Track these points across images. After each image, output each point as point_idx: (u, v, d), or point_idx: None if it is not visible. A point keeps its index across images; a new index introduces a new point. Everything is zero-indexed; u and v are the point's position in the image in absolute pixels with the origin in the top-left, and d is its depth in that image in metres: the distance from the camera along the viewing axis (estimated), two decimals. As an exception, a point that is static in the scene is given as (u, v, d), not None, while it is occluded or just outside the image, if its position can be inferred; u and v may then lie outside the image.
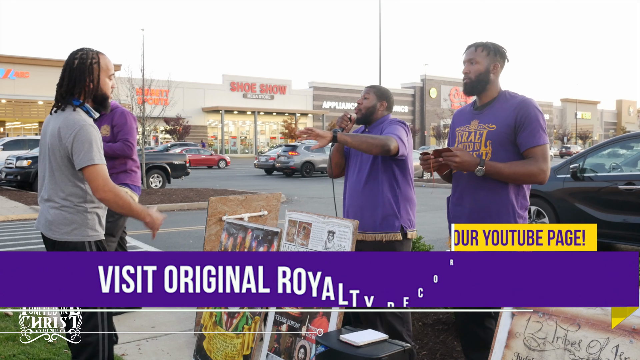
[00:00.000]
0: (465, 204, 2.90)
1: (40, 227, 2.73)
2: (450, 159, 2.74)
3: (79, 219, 2.64)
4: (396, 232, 3.27)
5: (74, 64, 2.67)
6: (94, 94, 2.70)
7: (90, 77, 2.67)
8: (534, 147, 2.74)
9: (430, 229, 9.52)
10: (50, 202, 2.66)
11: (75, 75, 2.66)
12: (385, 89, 3.54)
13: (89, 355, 2.66)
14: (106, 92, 2.74)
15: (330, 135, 3.11)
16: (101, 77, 2.70)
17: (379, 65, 31.25)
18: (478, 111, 2.93)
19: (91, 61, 2.67)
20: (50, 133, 2.65)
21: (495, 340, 2.09)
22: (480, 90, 2.89)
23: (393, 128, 3.30)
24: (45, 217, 2.68)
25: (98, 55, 2.71)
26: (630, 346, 1.76)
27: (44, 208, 2.71)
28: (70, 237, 2.63)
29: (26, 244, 8.49)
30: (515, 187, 2.82)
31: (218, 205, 4.09)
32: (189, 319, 4.45)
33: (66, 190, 2.63)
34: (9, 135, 41.68)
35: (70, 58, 2.69)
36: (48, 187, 2.67)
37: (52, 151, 2.64)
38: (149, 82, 18.71)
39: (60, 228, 2.63)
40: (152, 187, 16.96)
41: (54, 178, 2.65)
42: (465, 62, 2.91)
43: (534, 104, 2.80)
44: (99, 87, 2.70)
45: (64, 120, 2.61)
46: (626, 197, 6.55)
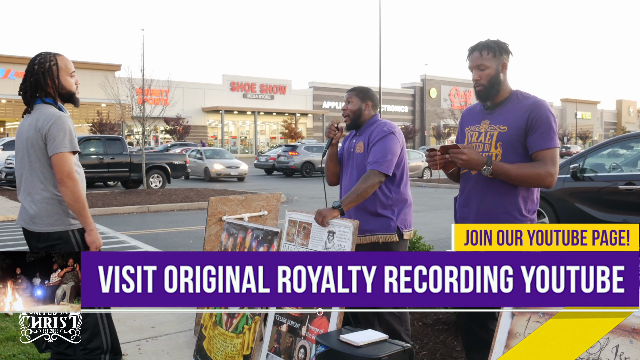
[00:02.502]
0: (472, 206, 2.86)
1: (22, 223, 2.87)
2: (457, 156, 2.68)
3: (60, 210, 2.79)
4: (392, 234, 3.27)
5: (34, 69, 2.86)
6: (59, 93, 2.89)
7: (51, 78, 2.85)
8: (544, 150, 2.69)
9: (430, 229, 9.52)
10: (31, 196, 2.81)
11: (36, 79, 2.85)
12: (366, 88, 3.52)
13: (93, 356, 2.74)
14: (70, 89, 2.93)
15: (337, 212, 3.07)
16: (61, 76, 2.88)
17: (379, 65, 31.25)
18: (489, 111, 2.87)
19: (49, 64, 2.86)
20: (26, 129, 2.82)
21: (495, 340, 2.09)
22: (495, 94, 2.82)
23: (379, 149, 3.26)
24: (27, 212, 2.83)
25: (56, 57, 2.90)
26: (630, 346, 1.77)
27: (25, 203, 2.85)
28: (54, 227, 2.78)
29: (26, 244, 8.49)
30: (524, 191, 2.77)
31: (218, 205, 4.09)
32: (189, 319, 4.45)
33: (46, 182, 2.78)
34: (9, 135, 41.69)
35: (30, 64, 2.89)
36: (28, 183, 2.83)
37: (30, 145, 2.79)
38: (149, 82, 18.70)
39: (44, 220, 2.78)
40: (152, 187, 16.96)
41: (33, 172, 2.80)
42: (474, 69, 2.83)
43: (546, 106, 2.74)
44: (61, 85, 2.88)
45: (39, 114, 2.80)
46: (626, 197, 6.55)
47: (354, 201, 3.16)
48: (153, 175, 17.21)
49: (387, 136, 3.30)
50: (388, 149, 3.25)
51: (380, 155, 3.24)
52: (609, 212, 6.70)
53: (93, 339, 2.83)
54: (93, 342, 2.83)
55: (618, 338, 1.80)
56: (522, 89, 2.87)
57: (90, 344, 2.82)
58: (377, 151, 3.26)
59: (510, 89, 2.85)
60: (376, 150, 3.27)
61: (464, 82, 67.05)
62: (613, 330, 1.81)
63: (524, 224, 2.57)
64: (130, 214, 12.15)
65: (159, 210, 12.69)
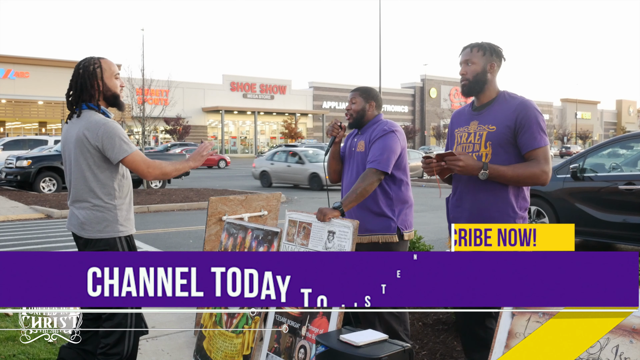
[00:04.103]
0: (464, 206, 2.89)
1: (72, 228, 2.91)
2: (454, 163, 2.72)
3: (109, 217, 2.84)
4: (392, 234, 3.27)
5: (79, 73, 2.88)
6: (104, 95, 2.90)
7: (95, 81, 2.86)
8: (535, 150, 2.74)
9: (430, 229, 9.52)
10: (81, 203, 2.85)
11: (82, 82, 2.86)
12: (370, 88, 3.54)
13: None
14: (115, 91, 2.94)
15: (335, 214, 3.08)
16: (105, 78, 2.89)
17: (379, 65, 31.26)
18: (477, 112, 2.92)
19: (94, 66, 2.88)
20: (75, 138, 2.83)
21: (495, 340, 2.09)
22: (478, 90, 2.89)
23: (378, 147, 3.27)
24: (76, 218, 2.87)
25: (100, 60, 2.91)
26: (630, 346, 1.77)
27: (74, 209, 2.90)
28: (103, 234, 2.84)
29: (26, 244, 8.49)
30: (514, 189, 2.82)
31: (218, 205, 4.09)
32: (189, 319, 4.45)
33: (96, 190, 2.82)
34: (9, 135, 41.68)
35: (76, 69, 2.91)
36: (78, 190, 2.86)
37: (80, 153, 2.82)
38: (149, 82, 18.73)
39: (93, 227, 2.83)
40: (152, 187, 16.95)
41: (83, 179, 2.83)
42: (462, 64, 2.91)
43: (533, 106, 2.80)
44: (105, 87, 2.89)
45: (86, 123, 2.81)
46: (626, 197, 6.55)
47: (354, 201, 3.16)
48: (153, 175, 17.17)
49: (387, 134, 3.31)
50: (387, 147, 3.26)
51: (379, 153, 3.24)
52: (609, 212, 6.70)
53: (117, 345, 2.82)
54: (116, 347, 2.82)
55: (618, 338, 1.80)
56: (509, 90, 2.93)
57: (113, 349, 2.81)
58: (376, 149, 3.28)
59: (498, 90, 2.90)
60: (375, 149, 3.28)
61: (464, 82, 66.90)
62: (613, 330, 1.81)
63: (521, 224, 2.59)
64: (130, 214, 12.12)
65: (159, 210, 12.70)
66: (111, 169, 2.83)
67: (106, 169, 2.82)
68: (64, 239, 8.62)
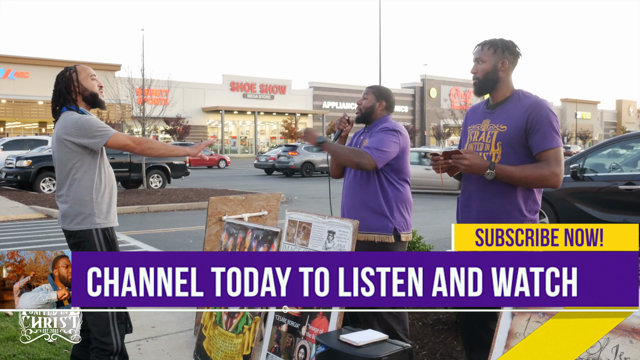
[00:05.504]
0: (473, 206, 2.85)
1: (59, 221, 3.11)
2: (460, 161, 2.68)
3: (87, 210, 2.99)
4: (388, 234, 3.27)
5: (57, 81, 3.08)
6: (82, 96, 3.07)
7: (72, 83, 3.04)
8: (547, 150, 2.66)
9: (430, 229, 9.52)
10: (62, 197, 3.04)
11: (59, 88, 3.06)
12: (385, 89, 3.56)
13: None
14: (93, 90, 3.10)
15: (314, 141, 3.36)
16: (81, 79, 3.06)
17: (379, 65, 31.26)
18: (490, 110, 2.86)
19: (69, 72, 3.08)
20: (56, 138, 3.03)
21: (495, 340, 2.09)
22: (490, 89, 2.82)
23: (378, 139, 3.32)
24: (60, 211, 3.07)
25: (75, 66, 3.13)
26: (630, 346, 1.76)
27: (58, 203, 3.09)
28: (80, 226, 2.99)
29: (26, 244, 8.49)
30: (523, 190, 2.75)
31: (218, 205, 4.09)
32: (189, 319, 4.45)
33: (73, 183, 2.99)
34: (9, 135, 41.67)
35: (56, 79, 3.10)
36: (60, 184, 3.06)
37: (61, 152, 3.00)
38: (149, 82, 18.71)
39: (72, 219, 3.00)
40: (152, 187, 16.95)
41: (63, 174, 3.02)
42: (474, 62, 2.85)
43: (546, 106, 2.72)
44: (82, 88, 3.06)
45: (63, 122, 3.00)
46: (626, 197, 6.55)
47: (333, 152, 3.34)
48: (153, 175, 17.19)
49: (388, 131, 3.33)
50: (385, 141, 3.27)
51: (377, 144, 3.28)
52: (609, 212, 6.70)
53: (105, 335, 2.97)
54: (105, 337, 2.97)
55: (618, 338, 1.80)
56: (524, 89, 2.86)
57: (104, 338, 2.96)
58: (374, 140, 3.32)
59: (513, 89, 2.83)
60: (373, 140, 3.33)
61: (464, 82, 67.05)
62: (613, 330, 1.81)
63: (525, 224, 2.56)
64: (130, 214, 12.13)
65: (159, 210, 12.69)
66: (90, 164, 2.98)
67: (85, 163, 2.97)
68: (64, 238, 8.62)
